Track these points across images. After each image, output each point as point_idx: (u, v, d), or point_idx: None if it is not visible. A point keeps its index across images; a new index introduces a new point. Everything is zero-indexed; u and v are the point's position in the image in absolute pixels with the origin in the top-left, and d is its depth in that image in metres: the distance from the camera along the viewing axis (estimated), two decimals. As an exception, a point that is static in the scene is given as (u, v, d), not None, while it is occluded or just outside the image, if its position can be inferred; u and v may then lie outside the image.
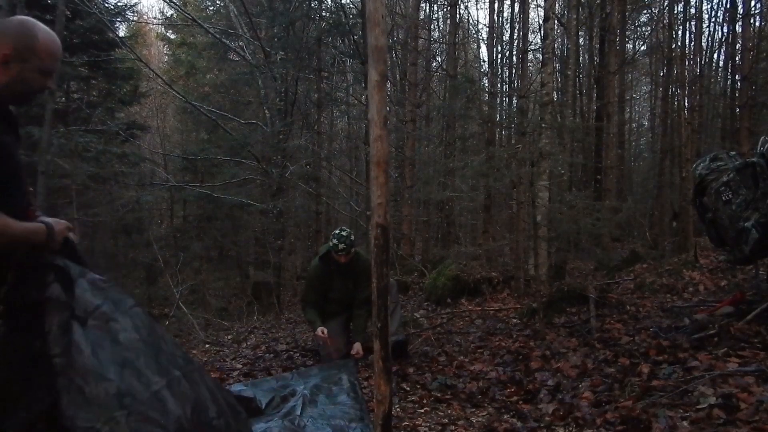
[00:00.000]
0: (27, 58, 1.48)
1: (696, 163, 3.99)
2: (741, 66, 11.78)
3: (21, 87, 1.51)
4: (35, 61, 1.50)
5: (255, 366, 4.10)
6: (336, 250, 3.96)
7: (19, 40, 1.47)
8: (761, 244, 3.41)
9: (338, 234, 4.00)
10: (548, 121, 6.98)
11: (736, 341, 3.15)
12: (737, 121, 11.82)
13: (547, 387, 3.08)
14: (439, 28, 16.82)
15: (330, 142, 15.50)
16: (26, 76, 1.50)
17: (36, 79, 1.52)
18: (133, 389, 1.51)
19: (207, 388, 1.78)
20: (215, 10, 15.55)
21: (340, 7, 10.75)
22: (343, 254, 3.97)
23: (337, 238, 3.96)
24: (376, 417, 1.98)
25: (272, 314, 8.47)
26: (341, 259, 4.00)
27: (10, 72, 1.47)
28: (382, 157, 1.94)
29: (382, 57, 1.91)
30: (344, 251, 3.95)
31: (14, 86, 1.49)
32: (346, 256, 3.98)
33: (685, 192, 10.09)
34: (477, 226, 13.37)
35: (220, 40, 11.48)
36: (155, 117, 19.70)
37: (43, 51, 1.50)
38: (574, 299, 5.10)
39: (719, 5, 15.85)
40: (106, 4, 11.18)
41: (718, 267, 5.88)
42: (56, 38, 1.55)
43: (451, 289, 6.70)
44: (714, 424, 2.13)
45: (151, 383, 1.57)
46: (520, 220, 7.47)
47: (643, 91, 23.09)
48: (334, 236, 4.01)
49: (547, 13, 7.27)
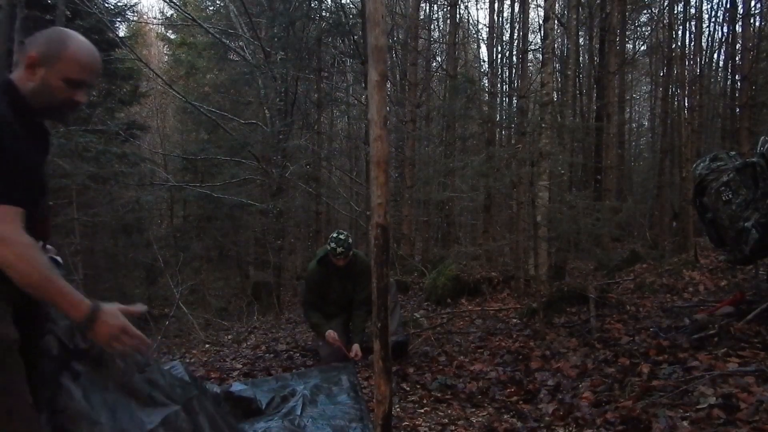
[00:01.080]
0: (52, 64, 1.44)
1: (696, 163, 3.99)
2: (741, 66, 11.79)
3: (47, 95, 1.46)
4: (60, 67, 1.45)
5: (255, 366, 4.10)
6: (334, 253, 3.95)
7: (47, 45, 1.44)
8: (761, 244, 3.41)
9: (336, 237, 3.98)
10: (548, 121, 6.97)
11: (736, 341, 3.14)
12: (737, 121, 11.82)
13: (547, 387, 3.08)
14: (439, 28, 16.83)
15: (330, 142, 15.50)
16: (51, 83, 1.45)
17: (61, 88, 1.46)
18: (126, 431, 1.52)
19: (207, 415, 1.81)
20: (215, 10, 15.55)
21: (340, 7, 10.76)
22: (341, 257, 3.96)
23: (335, 242, 3.95)
24: (376, 417, 1.98)
25: (272, 314, 8.47)
26: (339, 262, 3.99)
27: (36, 77, 1.43)
28: (382, 157, 1.94)
29: (382, 57, 1.91)
30: (342, 255, 3.95)
31: (40, 93, 1.45)
32: (344, 259, 3.98)
33: (685, 192, 10.09)
34: (477, 226, 13.37)
35: (220, 40, 11.49)
36: (155, 117, 19.71)
37: (70, 58, 1.45)
38: (574, 299, 5.10)
39: (719, 5, 15.87)
40: (106, 4, 11.18)
41: (718, 267, 5.88)
42: (92, 51, 1.49)
43: (451, 289, 6.70)
44: (714, 424, 2.13)
45: (144, 424, 1.58)
46: (520, 220, 7.47)
47: (643, 91, 23.10)
48: (331, 240, 3.99)
49: (547, 13, 7.27)
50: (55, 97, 1.46)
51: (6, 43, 7.87)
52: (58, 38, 1.46)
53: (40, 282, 1.27)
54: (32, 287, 1.27)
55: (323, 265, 4.09)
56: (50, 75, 1.44)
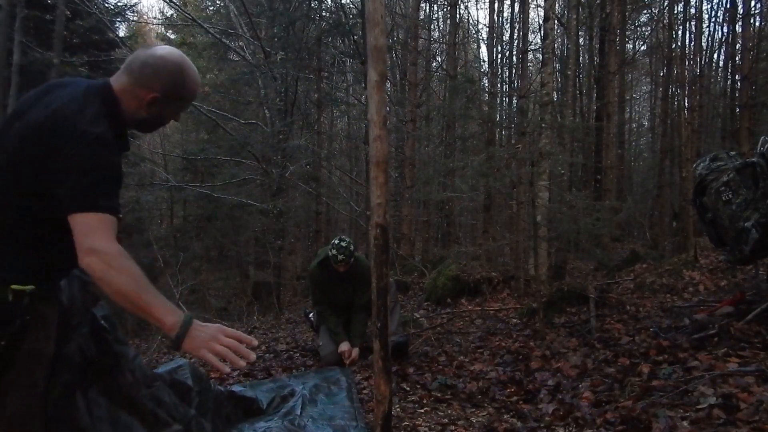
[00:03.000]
0: (172, 102, 1.47)
1: (696, 163, 3.98)
2: (741, 66, 11.79)
3: (155, 123, 1.51)
4: (178, 105, 1.50)
5: (255, 366, 4.09)
6: (335, 261, 3.95)
7: (171, 85, 1.44)
8: (761, 244, 3.40)
9: (338, 245, 3.96)
10: (548, 121, 6.97)
11: (736, 341, 3.14)
12: (737, 121, 11.82)
13: (547, 387, 3.08)
14: (439, 28, 16.84)
15: (330, 142, 15.51)
16: (165, 116, 1.49)
17: (171, 117, 1.51)
18: None
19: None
20: (215, 10, 15.55)
21: (340, 7, 10.76)
22: (342, 264, 3.97)
23: (337, 249, 3.94)
24: (376, 417, 1.98)
25: (272, 314, 8.47)
26: (340, 268, 4.00)
27: (152, 111, 1.45)
28: (382, 157, 1.94)
29: (381, 57, 1.91)
30: (343, 262, 3.95)
31: (150, 122, 1.49)
32: (345, 266, 3.99)
33: (685, 192, 10.09)
34: (477, 226, 13.38)
35: (220, 40, 11.48)
36: (155, 117, 19.68)
37: (188, 96, 1.49)
38: (574, 299, 5.10)
39: (719, 5, 15.88)
40: (106, 4, 11.19)
41: (718, 267, 5.88)
42: (199, 80, 1.51)
43: (451, 289, 6.69)
44: (714, 424, 2.13)
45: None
46: (520, 220, 7.47)
47: (643, 91, 23.10)
48: (333, 246, 3.98)
49: (547, 13, 7.27)
50: (163, 123, 1.53)
51: (6, 43, 7.87)
52: (181, 79, 1.45)
53: (132, 293, 1.22)
54: (123, 298, 1.22)
55: (323, 268, 4.09)
56: (167, 110, 1.48)
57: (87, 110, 1.31)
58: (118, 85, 1.43)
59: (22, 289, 1.28)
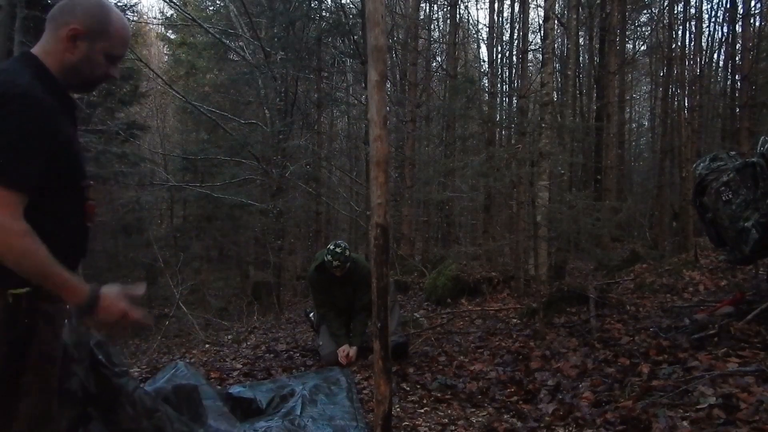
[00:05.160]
0: (96, 39, 1.38)
1: (696, 163, 3.98)
2: (741, 66, 11.79)
3: (87, 69, 1.40)
4: (104, 44, 1.40)
5: (255, 366, 4.09)
6: (330, 266, 3.95)
7: (92, 18, 1.37)
8: (761, 244, 3.40)
9: (332, 250, 3.94)
10: (548, 121, 6.98)
11: (736, 341, 3.14)
12: (737, 121, 11.82)
13: (547, 387, 3.08)
14: (439, 28, 16.83)
15: (330, 142, 15.51)
16: (93, 58, 1.39)
17: (101, 64, 1.41)
18: None
19: None
20: (215, 10, 15.56)
21: (340, 7, 10.76)
22: (338, 270, 3.97)
23: (332, 255, 3.92)
24: (376, 417, 1.98)
25: (272, 314, 8.47)
26: (336, 273, 4.01)
27: (78, 51, 1.37)
28: (382, 157, 1.94)
29: (381, 57, 1.91)
30: (339, 268, 3.96)
31: (79, 67, 1.39)
32: (341, 271, 3.99)
33: (685, 192, 10.09)
34: (477, 226, 13.38)
35: (220, 40, 11.49)
36: (155, 117, 19.70)
37: (114, 34, 1.41)
38: (574, 299, 5.10)
39: (719, 5, 15.86)
40: (106, 4, 11.16)
41: (718, 267, 5.87)
42: (128, 25, 1.46)
43: (451, 289, 6.69)
44: (714, 424, 2.13)
45: None
46: (520, 220, 7.47)
47: (643, 91, 23.09)
48: (328, 252, 3.96)
49: (547, 13, 7.27)
50: (94, 72, 1.42)
51: (6, 43, 7.87)
52: (101, 12, 1.39)
53: (36, 270, 1.22)
54: (28, 275, 1.22)
55: (321, 271, 4.09)
56: (93, 50, 1.39)
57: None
58: (39, 47, 1.38)
59: (19, 293, 1.26)
